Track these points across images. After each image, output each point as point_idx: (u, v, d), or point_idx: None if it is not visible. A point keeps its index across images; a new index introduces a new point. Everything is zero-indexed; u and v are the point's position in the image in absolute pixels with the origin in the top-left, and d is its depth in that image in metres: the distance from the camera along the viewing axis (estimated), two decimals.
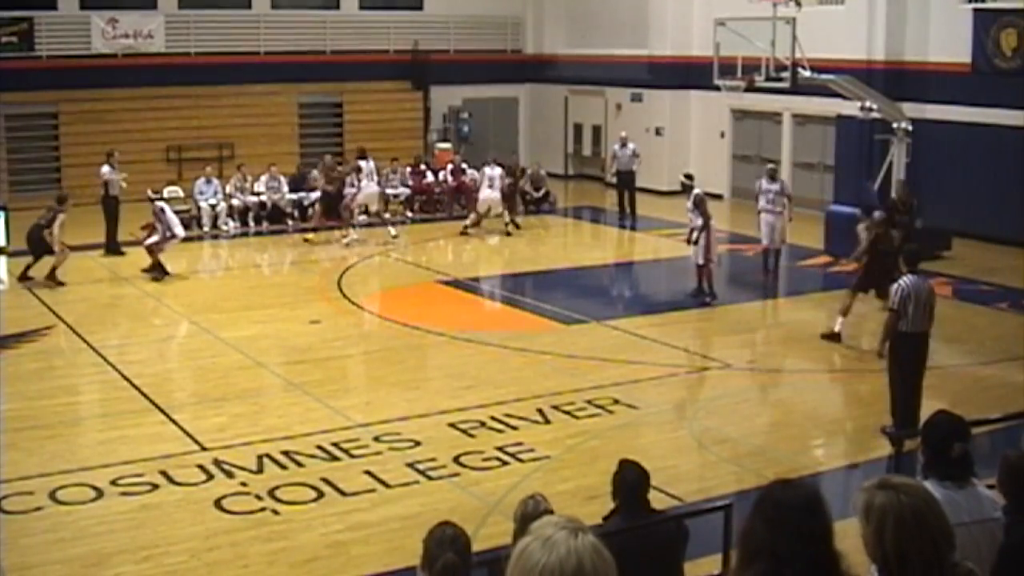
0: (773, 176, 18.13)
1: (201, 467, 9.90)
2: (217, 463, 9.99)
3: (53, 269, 17.37)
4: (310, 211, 23.60)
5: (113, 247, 19.79)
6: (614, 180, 24.68)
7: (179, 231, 18.35)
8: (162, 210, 18.33)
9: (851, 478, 10.03)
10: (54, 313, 15.55)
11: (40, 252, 17.51)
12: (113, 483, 9.51)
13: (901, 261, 10.55)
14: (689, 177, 17.76)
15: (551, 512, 5.51)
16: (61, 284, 17.26)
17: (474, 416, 11.26)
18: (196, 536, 8.56)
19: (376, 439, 10.62)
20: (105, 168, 20.07)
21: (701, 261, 16.08)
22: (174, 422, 11.16)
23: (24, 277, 17.50)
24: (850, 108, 20.96)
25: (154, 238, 18.15)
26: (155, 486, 9.49)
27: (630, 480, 6.11)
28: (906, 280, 10.31)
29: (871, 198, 19.51)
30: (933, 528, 3.17)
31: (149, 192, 19.69)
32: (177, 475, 9.70)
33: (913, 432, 8.28)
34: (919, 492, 3.24)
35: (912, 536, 3.14)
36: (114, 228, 19.87)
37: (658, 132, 26.91)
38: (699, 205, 16.16)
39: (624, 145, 23.79)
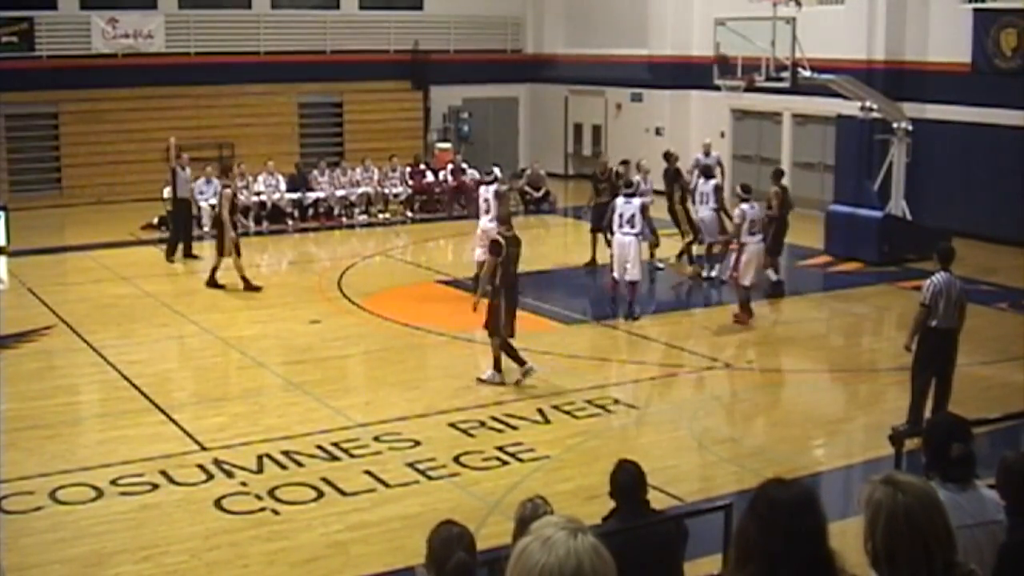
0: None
1: (201, 467, 9.90)
2: (217, 463, 9.99)
3: (213, 271, 16.88)
4: (310, 211, 23.61)
5: (187, 252, 19.41)
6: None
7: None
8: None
9: (851, 478, 10.03)
10: (54, 313, 15.54)
11: (219, 243, 16.81)
12: (113, 483, 9.50)
13: (935, 258, 10.71)
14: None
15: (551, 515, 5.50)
16: (220, 287, 16.83)
17: (474, 416, 11.27)
18: (196, 536, 8.56)
19: (376, 439, 10.62)
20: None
21: None
22: (174, 422, 11.16)
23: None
24: (850, 108, 20.96)
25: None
26: (155, 486, 9.49)
27: (627, 480, 6.11)
28: (939, 276, 10.54)
29: (871, 198, 19.52)
30: (924, 530, 3.15)
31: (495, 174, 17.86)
32: (177, 475, 9.70)
33: (916, 431, 8.28)
34: (919, 492, 3.22)
35: (900, 535, 3.13)
36: (189, 231, 19.59)
37: (658, 132, 26.89)
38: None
39: (707, 154, 21.45)
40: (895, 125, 19.89)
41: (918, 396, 10.59)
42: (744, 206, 15.22)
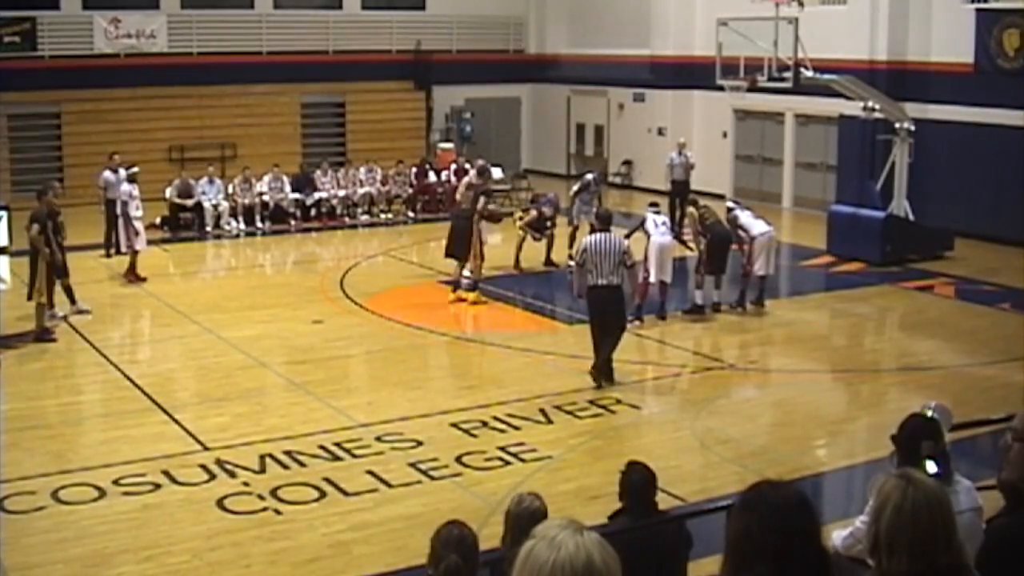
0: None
1: (203, 467, 9.90)
2: (219, 463, 9.99)
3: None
4: (313, 211, 23.60)
5: None
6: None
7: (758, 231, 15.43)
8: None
9: (853, 478, 10.03)
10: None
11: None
12: (115, 483, 9.51)
13: None
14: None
15: (542, 508, 5.53)
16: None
17: (476, 416, 11.26)
18: (198, 536, 8.56)
19: (378, 439, 10.62)
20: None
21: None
22: (176, 422, 11.16)
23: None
24: (852, 108, 20.96)
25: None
26: (157, 486, 9.49)
27: (637, 481, 6.12)
28: None
29: (873, 198, 19.51)
30: (926, 527, 3.16)
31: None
32: (179, 475, 9.70)
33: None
34: (931, 491, 3.23)
35: (902, 528, 3.15)
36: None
37: (660, 132, 26.91)
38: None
39: (680, 153, 21.83)
40: (897, 125, 19.88)
41: None
42: (737, 211, 15.75)
